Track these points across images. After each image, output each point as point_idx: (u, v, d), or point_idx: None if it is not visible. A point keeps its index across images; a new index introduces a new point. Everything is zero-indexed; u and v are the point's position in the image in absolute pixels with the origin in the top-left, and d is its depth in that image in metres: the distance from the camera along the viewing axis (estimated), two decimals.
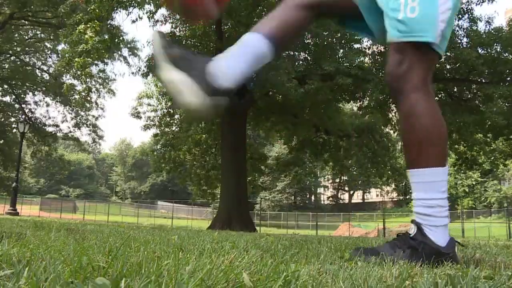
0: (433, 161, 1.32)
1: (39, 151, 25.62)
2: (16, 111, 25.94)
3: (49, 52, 23.87)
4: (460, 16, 13.09)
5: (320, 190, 65.01)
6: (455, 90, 14.61)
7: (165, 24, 13.56)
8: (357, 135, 15.56)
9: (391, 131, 16.42)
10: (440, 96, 14.36)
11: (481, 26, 13.39)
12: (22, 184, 52.55)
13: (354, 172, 28.13)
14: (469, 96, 14.42)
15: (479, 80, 13.64)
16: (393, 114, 14.71)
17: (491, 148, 15.26)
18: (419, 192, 1.33)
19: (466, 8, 13.10)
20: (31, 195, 49.38)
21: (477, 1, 13.20)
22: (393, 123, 14.93)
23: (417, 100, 1.34)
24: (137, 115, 17.85)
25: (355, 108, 17.25)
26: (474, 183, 41.56)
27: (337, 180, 59.03)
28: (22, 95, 25.10)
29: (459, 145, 15.18)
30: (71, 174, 65.98)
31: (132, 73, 18.82)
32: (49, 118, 25.41)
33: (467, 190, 41.66)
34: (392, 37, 1.34)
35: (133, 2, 10.99)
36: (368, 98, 13.30)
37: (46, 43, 23.50)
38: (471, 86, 14.14)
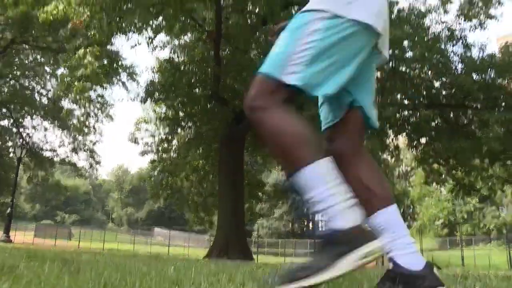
0: (306, 160, 1.33)
1: (36, 176, 25.47)
2: (14, 135, 25.91)
3: (48, 76, 24.04)
4: (455, 42, 13.33)
5: (318, 217, 64.46)
6: (451, 115, 14.70)
7: (163, 49, 13.75)
8: None
9: (389, 157, 16.42)
10: (436, 121, 14.44)
11: (475, 53, 13.64)
12: (17, 209, 52.03)
13: None
14: (465, 122, 14.50)
15: (474, 105, 13.75)
16: (390, 140, 14.74)
17: (489, 173, 15.24)
18: (308, 193, 1.32)
19: (460, 34, 13.35)
20: (26, 221, 48.81)
21: (470, 28, 13.52)
22: (390, 149, 14.96)
23: (266, 118, 1.39)
24: (134, 140, 17.86)
25: None
26: (472, 209, 41.35)
27: None
28: (20, 119, 25.13)
29: (457, 170, 15.16)
30: (67, 200, 65.44)
31: (131, 99, 18.89)
32: (47, 142, 25.42)
33: (465, 216, 41.39)
34: None
35: (132, 27, 11.12)
36: None
37: (46, 67, 23.68)
38: (467, 112, 14.24)
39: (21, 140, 24.42)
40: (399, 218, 1.50)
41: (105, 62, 11.62)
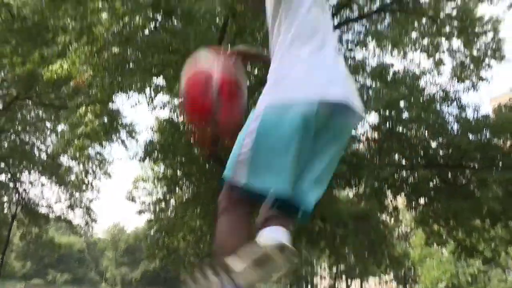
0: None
1: (29, 233, 24.90)
2: (10, 190, 25.60)
3: (48, 132, 24.16)
4: (449, 103, 13.60)
5: (317, 280, 62.63)
6: (450, 175, 14.66)
7: (163, 109, 13.91)
8: (354, 222, 15.31)
9: (388, 218, 16.20)
10: (434, 182, 14.39)
11: (469, 113, 13.88)
12: (6, 268, 50.46)
13: (352, 261, 27.29)
14: (463, 182, 14.44)
15: (472, 165, 13.76)
16: (389, 201, 14.61)
17: (491, 235, 14.96)
18: None
19: (455, 96, 13.65)
20: (15, 280, 47.17)
21: (464, 89, 13.89)
22: (389, 210, 14.80)
23: (219, 221, 1.56)
24: (132, 199, 17.65)
25: (350, 195, 17.23)
26: (476, 272, 39.97)
27: (334, 269, 57.09)
28: (18, 174, 24.96)
29: (457, 231, 14.90)
30: (60, 258, 63.63)
31: (130, 157, 18.73)
32: (43, 198, 25.06)
33: (469, 279, 39.92)
34: None
35: (133, 87, 11.36)
36: (363, 185, 13.30)
37: (47, 123, 23.86)
38: (465, 172, 14.22)
39: (17, 195, 24.14)
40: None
41: (105, 120, 11.75)
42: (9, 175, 24.82)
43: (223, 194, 1.60)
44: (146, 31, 10.01)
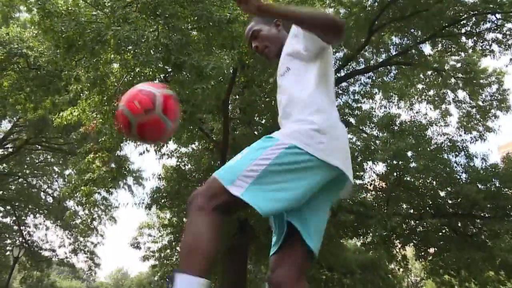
0: (191, 269, 1.43)
1: (30, 277, 24.50)
2: (14, 233, 25.39)
3: (56, 176, 24.26)
4: (457, 152, 13.53)
5: None
6: (459, 225, 14.36)
7: (171, 158, 13.93)
8: (361, 271, 15.01)
9: (396, 268, 15.83)
10: (444, 231, 14.11)
11: (478, 163, 13.76)
12: None
13: None
14: (474, 231, 14.11)
15: (482, 215, 13.49)
16: (397, 250, 14.31)
17: (507, 287, 14.44)
18: None
19: (462, 145, 13.61)
20: None
21: (471, 140, 13.83)
22: (398, 259, 14.46)
23: (194, 218, 1.53)
24: (136, 245, 17.41)
25: (358, 244, 16.95)
26: None
27: None
28: (23, 217, 24.84)
29: (470, 282, 14.43)
30: None
31: (135, 203, 18.69)
32: (47, 242, 24.83)
33: None
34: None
35: None
36: (371, 234, 13.08)
37: (55, 167, 24.01)
38: (475, 221, 13.93)
39: (21, 238, 23.94)
40: None
41: (113, 165, 11.78)
42: (14, 218, 24.72)
43: (204, 192, 1.57)
44: (156, 81, 10.20)
